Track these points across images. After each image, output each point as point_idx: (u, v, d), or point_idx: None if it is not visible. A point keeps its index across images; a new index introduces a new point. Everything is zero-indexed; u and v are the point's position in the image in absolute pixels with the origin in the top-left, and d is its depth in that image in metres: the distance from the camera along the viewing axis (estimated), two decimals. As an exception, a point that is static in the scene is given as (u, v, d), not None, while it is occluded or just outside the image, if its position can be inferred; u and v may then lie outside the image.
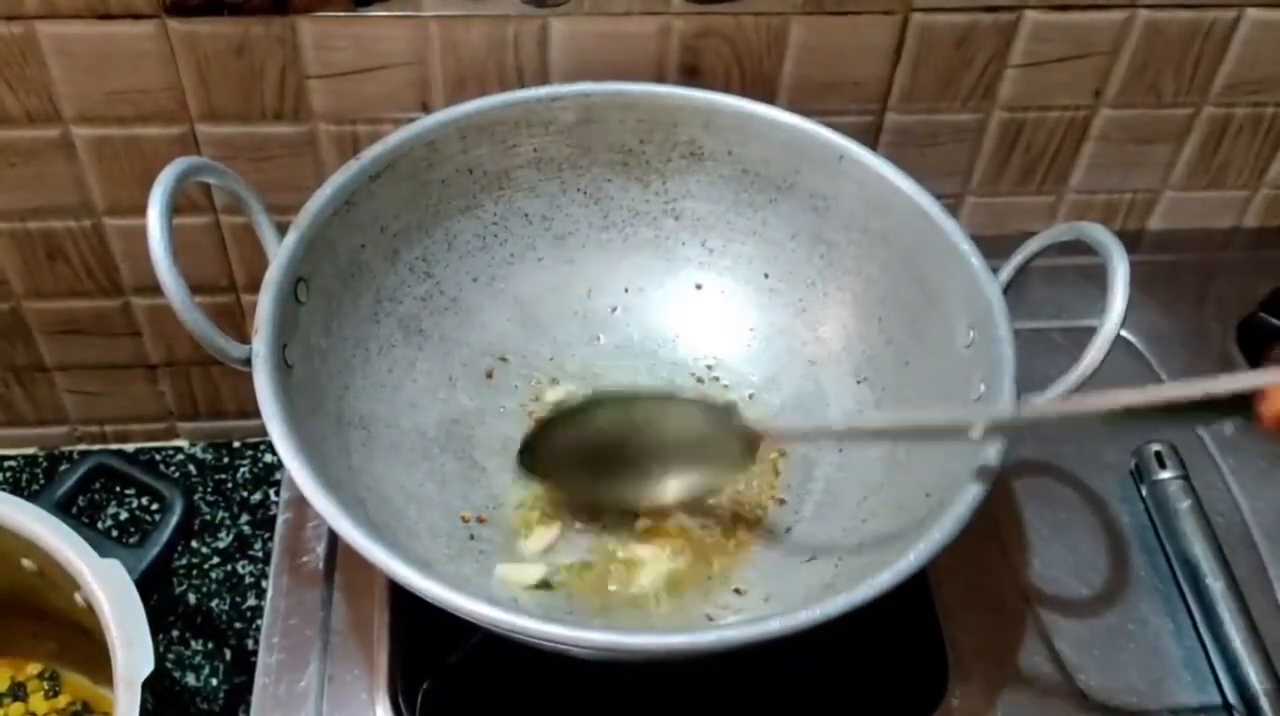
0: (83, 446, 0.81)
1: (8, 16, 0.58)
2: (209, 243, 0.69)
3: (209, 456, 0.80)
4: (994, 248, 0.54)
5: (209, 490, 0.78)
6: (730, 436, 0.53)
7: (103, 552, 0.54)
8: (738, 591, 0.53)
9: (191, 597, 0.72)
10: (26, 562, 0.57)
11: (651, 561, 0.54)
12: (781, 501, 0.57)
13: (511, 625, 0.41)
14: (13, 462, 0.79)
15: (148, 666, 0.51)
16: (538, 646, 0.44)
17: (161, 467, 0.79)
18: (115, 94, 0.61)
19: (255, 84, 0.62)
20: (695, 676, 0.54)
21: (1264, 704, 0.52)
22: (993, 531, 0.59)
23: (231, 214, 0.68)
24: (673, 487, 0.55)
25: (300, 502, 0.59)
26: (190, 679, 0.68)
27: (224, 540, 0.75)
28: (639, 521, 0.56)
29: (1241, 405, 0.36)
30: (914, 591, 0.56)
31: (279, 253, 0.51)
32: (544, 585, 0.53)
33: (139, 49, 0.60)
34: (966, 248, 0.53)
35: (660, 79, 0.64)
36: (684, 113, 0.60)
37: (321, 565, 0.57)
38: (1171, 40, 0.66)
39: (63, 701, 0.67)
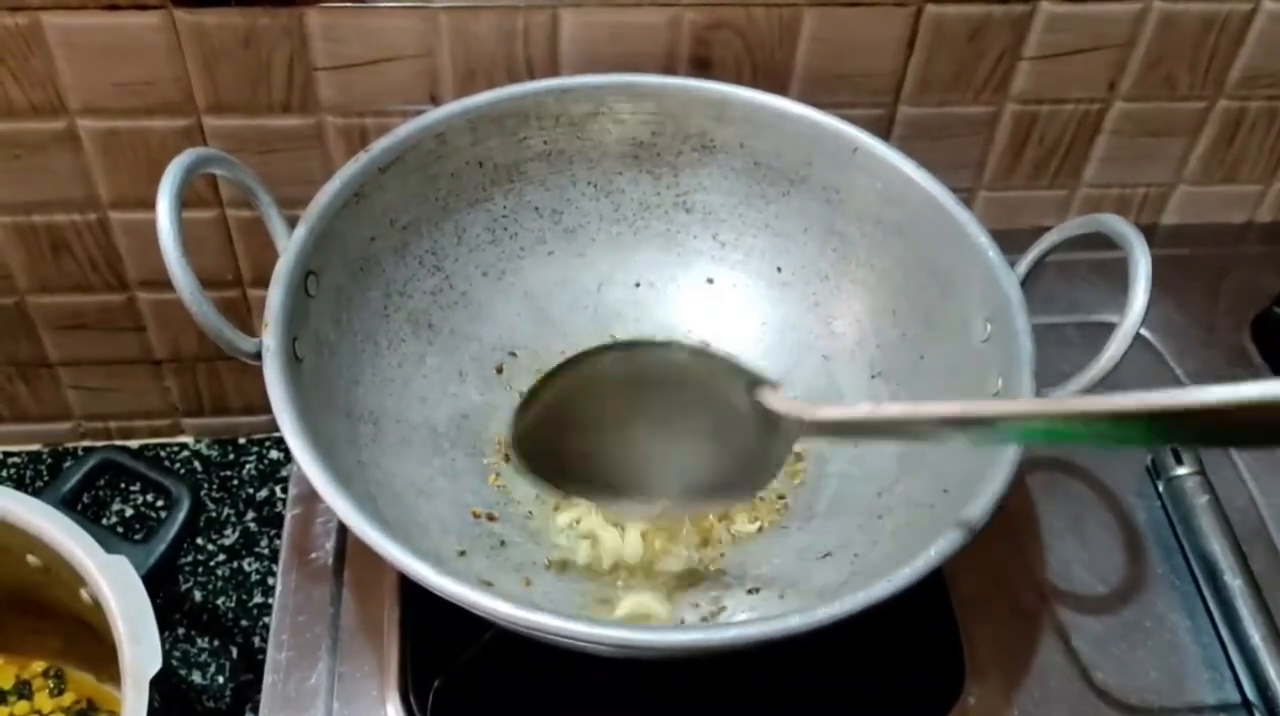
0: (87, 442, 0.80)
1: (13, 7, 0.57)
2: (215, 237, 0.68)
3: (214, 453, 0.79)
4: (1006, 242, 0.53)
5: (215, 487, 0.77)
6: (757, 421, 0.44)
7: (109, 549, 0.54)
8: (751, 591, 0.52)
9: (197, 595, 0.72)
10: (32, 559, 0.57)
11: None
12: (795, 497, 0.56)
13: (526, 621, 0.41)
14: (17, 459, 0.78)
15: (155, 664, 0.50)
16: (552, 643, 0.43)
17: (167, 464, 0.79)
18: (121, 86, 0.61)
19: (262, 76, 0.61)
20: (709, 674, 0.53)
21: (1284, 701, 0.52)
22: (1008, 528, 0.59)
23: (238, 208, 0.67)
24: (685, 486, 0.49)
25: (310, 498, 0.59)
26: (197, 676, 0.68)
27: (230, 537, 0.74)
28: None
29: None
30: (930, 588, 0.55)
31: (288, 246, 0.50)
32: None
33: (145, 40, 0.59)
34: (983, 240, 0.53)
35: (671, 71, 0.63)
36: (695, 105, 0.59)
37: (331, 561, 0.57)
38: (1186, 32, 0.66)
39: (68, 699, 0.66)
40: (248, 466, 0.78)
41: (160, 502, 0.75)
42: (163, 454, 0.79)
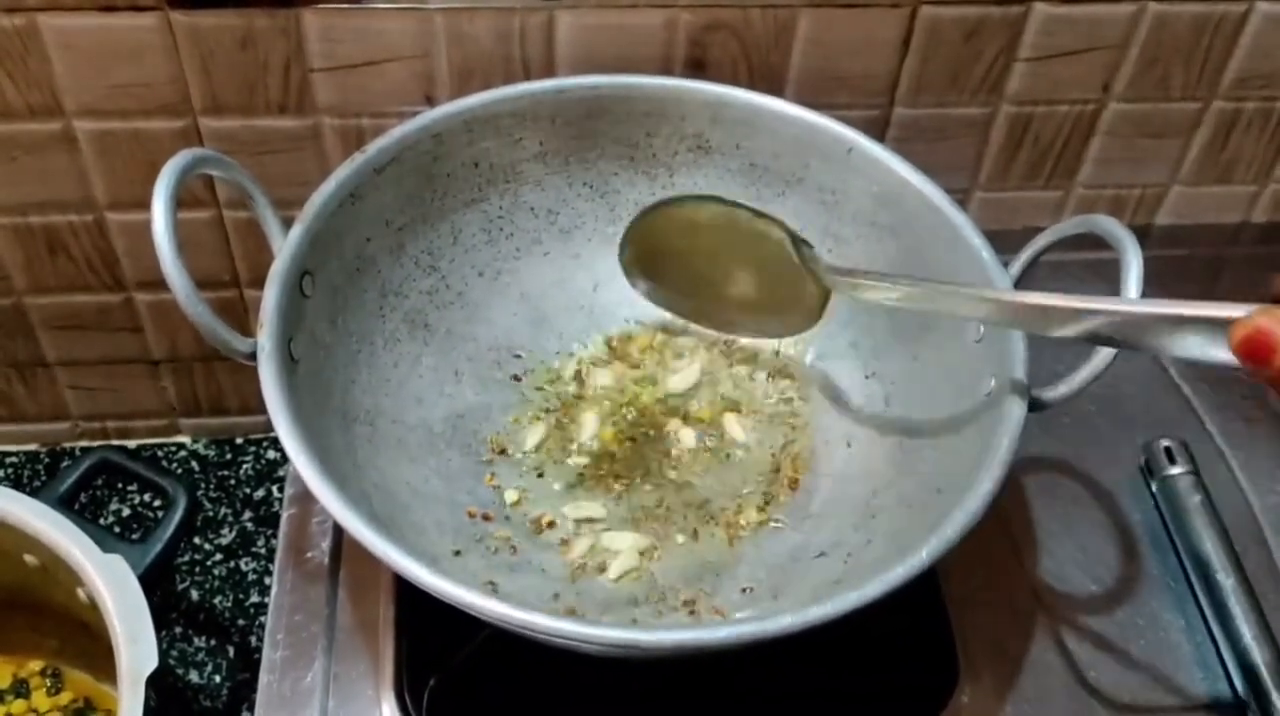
0: (85, 442, 0.80)
1: (10, 9, 0.57)
2: (212, 237, 0.68)
3: (211, 452, 0.79)
4: (1000, 243, 0.53)
5: (211, 486, 0.77)
6: (804, 278, 0.54)
7: (105, 548, 0.54)
8: (745, 591, 0.52)
9: (194, 594, 0.72)
10: (29, 559, 0.57)
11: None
12: (789, 497, 0.56)
13: (520, 621, 0.41)
14: (14, 459, 0.78)
15: (151, 663, 0.50)
16: (546, 643, 0.44)
17: (164, 464, 0.79)
18: (118, 87, 0.61)
19: (259, 77, 0.61)
20: (702, 673, 0.53)
21: (1275, 699, 0.52)
22: (1002, 528, 0.59)
23: (234, 208, 0.67)
24: (740, 308, 0.58)
25: (305, 498, 0.59)
26: (193, 676, 0.68)
27: (226, 536, 0.75)
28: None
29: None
30: (923, 588, 0.55)
31: (284, 246, 0.50)
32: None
33: (142, 41, 0.59)
34: (977, 242, 0.53)
35: (667, 72, 0.63)
36: (691, 106, 0.59)
37: (326, 561, 0.57)
38: (1181, 33, 0.66)
39: (65, 698, 0.66)
40: (245, 466, 0.78)
41: (157, 502, 0.75)
42: (160, 454, 0.79)
